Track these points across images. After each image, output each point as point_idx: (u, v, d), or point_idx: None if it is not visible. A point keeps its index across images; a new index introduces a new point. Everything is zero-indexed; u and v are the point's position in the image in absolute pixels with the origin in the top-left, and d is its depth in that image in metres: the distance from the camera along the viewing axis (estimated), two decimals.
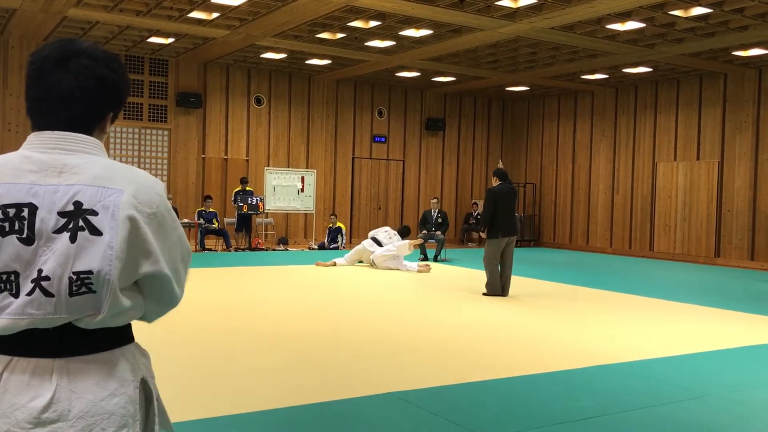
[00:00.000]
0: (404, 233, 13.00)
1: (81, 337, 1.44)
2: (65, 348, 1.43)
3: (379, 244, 12.56)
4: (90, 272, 1.39)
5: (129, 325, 1.55)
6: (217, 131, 16.36)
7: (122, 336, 1.51)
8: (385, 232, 12.84)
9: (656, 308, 8.70)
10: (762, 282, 12.03)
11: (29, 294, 1.38)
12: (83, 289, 1.39)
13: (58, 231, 1.40)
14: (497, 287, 9.18)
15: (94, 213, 1.40)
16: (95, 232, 1.40)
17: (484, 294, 9.24)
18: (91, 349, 1.45)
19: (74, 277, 1.38)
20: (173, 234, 1.51)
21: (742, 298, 9.75)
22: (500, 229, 9.07)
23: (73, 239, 1.39)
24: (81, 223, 1.40)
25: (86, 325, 1.43)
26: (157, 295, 1.50)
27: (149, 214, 1.45)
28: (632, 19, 11.15)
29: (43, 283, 1.38)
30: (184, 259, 1.55)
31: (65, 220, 1.40)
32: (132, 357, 1.53)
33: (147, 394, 1.56)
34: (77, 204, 1.41)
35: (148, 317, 1.54)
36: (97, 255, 1.39)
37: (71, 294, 1.38)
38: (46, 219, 1.40)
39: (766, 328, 7.49)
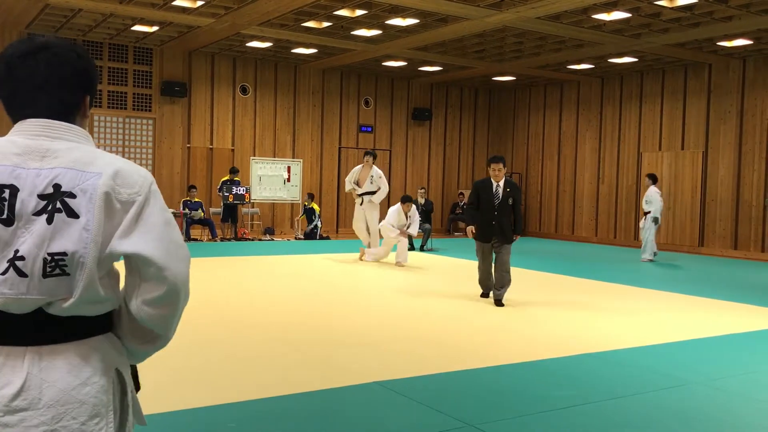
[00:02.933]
0: (403, 200, 12.11)
1: (54, 325, 1.44)
2: (38, 336, 1.43)
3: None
4: (64, 254, 1.40)
5: (105, 316, 1.53)
6: (203, 120, 16.25)
7: (96, 326, 1.50)
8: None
9: (640, 297, 8.77)
10: (745, 270, 12.15)
11: (3, 273, 1.39)
12: (57, 270, 1.40)
13: (38, 213, 1.41)
14: None
15: (72, 196, 1.42)
16: (72, 214, 1.41)
17: (500, 304, 7.80)
18: (64, 337, 1.45)
19: (49, 258, 1.40)
20: (155, 218, 1.48)
21: (724, 287, 9.84)
22: None
23: (50, 221, 1.41)
24: (59, 205, 1.41)
25: (58, 311, 1.43)
26: (146, 276, 1.48)
27: (131, 195, 1.46)
28: (618, 9, 11.17)
29: (18, 263, 1.39)
30: (174, 242, 1.49)
31: (45, 202, 1.42)
32: (106, 347, 1.51)
33: (122, 385, 1.55)
34: (56, 186, 1.43)
35: (132, 303, 1.50)
36: (73, 237, 1.41)
37: (44, 275, 1.40)
38: (27, 201, 1.42)
39: (748, 316, 7.57)
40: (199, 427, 3.77)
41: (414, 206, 11.98)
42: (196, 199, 15.22)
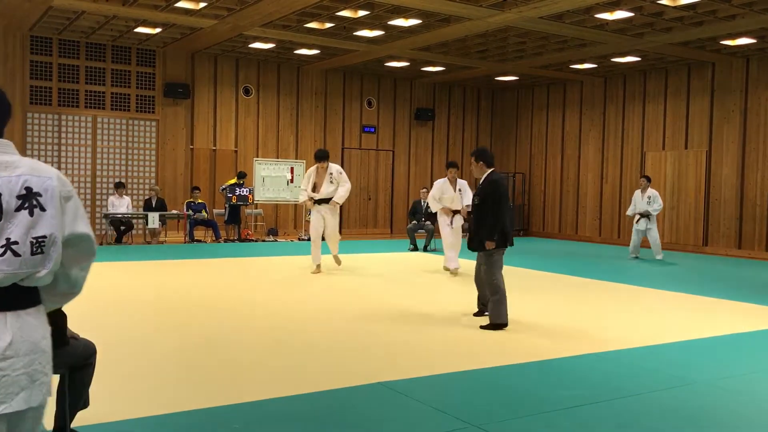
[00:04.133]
0: (448, 165, 10.54)
1: (22, 294, 1.99)
2: (14, 303, 1.97)
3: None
4: (44, 237, 1.98)
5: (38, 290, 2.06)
6: (206, 122, 16.27)
7: (38, 296, 2.06)
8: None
9: (643, 297, 8.75)
10: (748, 269, 12.11)
11: (1, 255, 1.93)
12: (39, 250, 1.97)
13: (18, 209, 1.97)
14: (505, 314, 6.55)
15: (40, 195, 1.99)
16: (42, 208, 1.99)
17: (483, 327, 6.54)
18: (28, 304, 2.01)
19: (34, 241, 1.96)
20: (81, 208, 2.12)
21: (729, 287, 9.81)
22: (509, 234, 6.63)
23: (31, 214, 1.97)
24: (34, 202, 1.98)
25: (33, 282, 1.99)
26: (82, 249, 2.08)
27: (68, 192, 2.07)
28: (621, 9, 11.16)
29: (13, 247, 1.94)
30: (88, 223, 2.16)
31: (21, 201, 1.97)
32: (45, 313, 2.09)
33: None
34: (28, 188, 1.99)
35: (73, 271, 2.09)
36: (47, 224, 1.99)
37: (32, 253, 1.96)
38: (9, 201, 1.96)
39: (753, 316, 7.55)
40: (202, 428, 3.77)
41: (458, 171, 10.52)
42: (200, 201, 15.25)
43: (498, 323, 6.47)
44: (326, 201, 10.23)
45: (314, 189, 10.31)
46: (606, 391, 4.61)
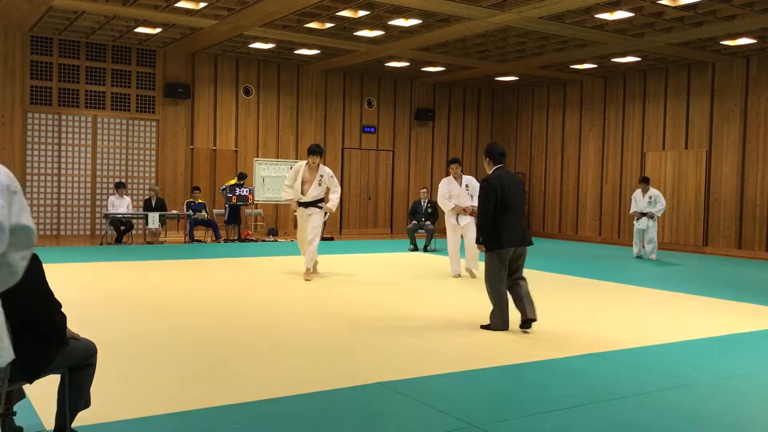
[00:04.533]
0: (449, 162, 10.37)
1: None
2: None
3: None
4: None
5: None
6: (206, 122, 16.28)
7: None
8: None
9: (644, 297, 8.75)
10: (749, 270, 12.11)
11: None
12: None
13: None
14: (505, 320, 6.44)
15: None
16: None
17: (483, 327, 6.50)
18: None
19: None
20: (26, 203, 2.32)
21: (729, 287, 9.82)
22: (504, 236, 6.33)
23: None
24: None
25: None
26: (23, 239, 2.27)
27: (15, 187, 2.28)
28: (621, 9, 11.16)
29: None
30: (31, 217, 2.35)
31: None
32: None
33: None
34: None
35: (13, 258, 2.25)
36: None
37: None
38: None
39: (753, 316, 7.55)
40: (202, 428, 3.77)
41: (460, 167, 10.18)
42: (200, 201, 15.26)
43: (498, 330, 6.45)
44: (312, 204, 9.62)
45: (300, 187, 9.63)
46: (606, 392, 4.61)
